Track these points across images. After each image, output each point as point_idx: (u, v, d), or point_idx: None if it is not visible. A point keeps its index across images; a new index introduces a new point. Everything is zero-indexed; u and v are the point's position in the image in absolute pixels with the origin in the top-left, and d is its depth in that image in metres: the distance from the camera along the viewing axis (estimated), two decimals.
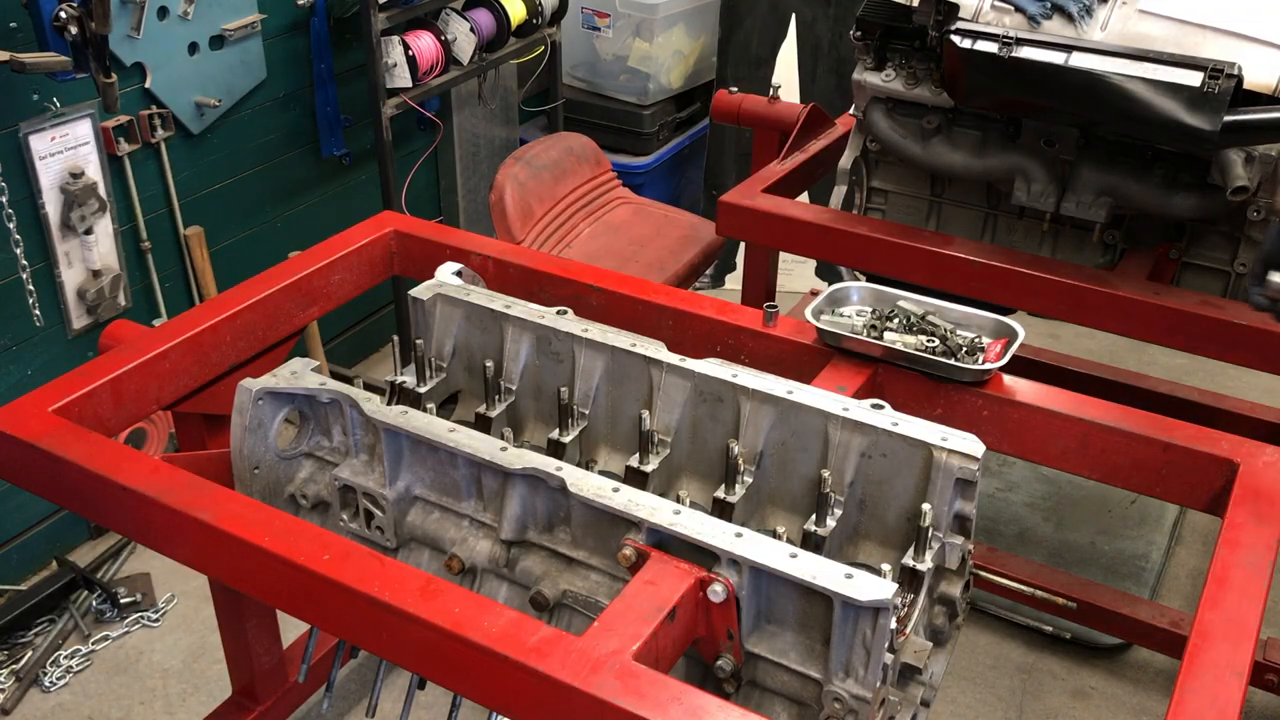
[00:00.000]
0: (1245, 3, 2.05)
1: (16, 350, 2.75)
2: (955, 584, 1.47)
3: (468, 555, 1.53)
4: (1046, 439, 1.63)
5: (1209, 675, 1.20)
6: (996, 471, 3.29)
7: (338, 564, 1.33)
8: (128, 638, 2.79)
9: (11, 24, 2.50)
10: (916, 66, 2.30)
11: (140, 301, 3.02)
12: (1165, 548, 3.05)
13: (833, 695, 1.29)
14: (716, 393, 1.55)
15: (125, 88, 2.78)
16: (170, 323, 1.83)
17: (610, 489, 1.40)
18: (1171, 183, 2.20)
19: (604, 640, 1.21)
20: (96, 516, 2.07)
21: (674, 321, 1.85)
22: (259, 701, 2.28)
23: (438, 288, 1.76)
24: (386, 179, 3.33)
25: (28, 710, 2.59)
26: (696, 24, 4.33)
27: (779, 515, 1.55)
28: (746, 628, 1.33)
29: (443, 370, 1.73)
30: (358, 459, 1.61)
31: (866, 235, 2.28)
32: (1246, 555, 1.36)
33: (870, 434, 1.46)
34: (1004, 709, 2.62)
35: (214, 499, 1.44)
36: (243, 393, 1.61)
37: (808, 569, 1.26)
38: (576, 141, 3.21)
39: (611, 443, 1.67)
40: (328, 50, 3.31)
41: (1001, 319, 1.71)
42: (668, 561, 1.32)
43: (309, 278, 1.97)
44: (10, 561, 2.89)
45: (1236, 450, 1.53)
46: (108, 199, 2.79)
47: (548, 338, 1.68)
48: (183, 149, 3.02)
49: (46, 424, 1.57)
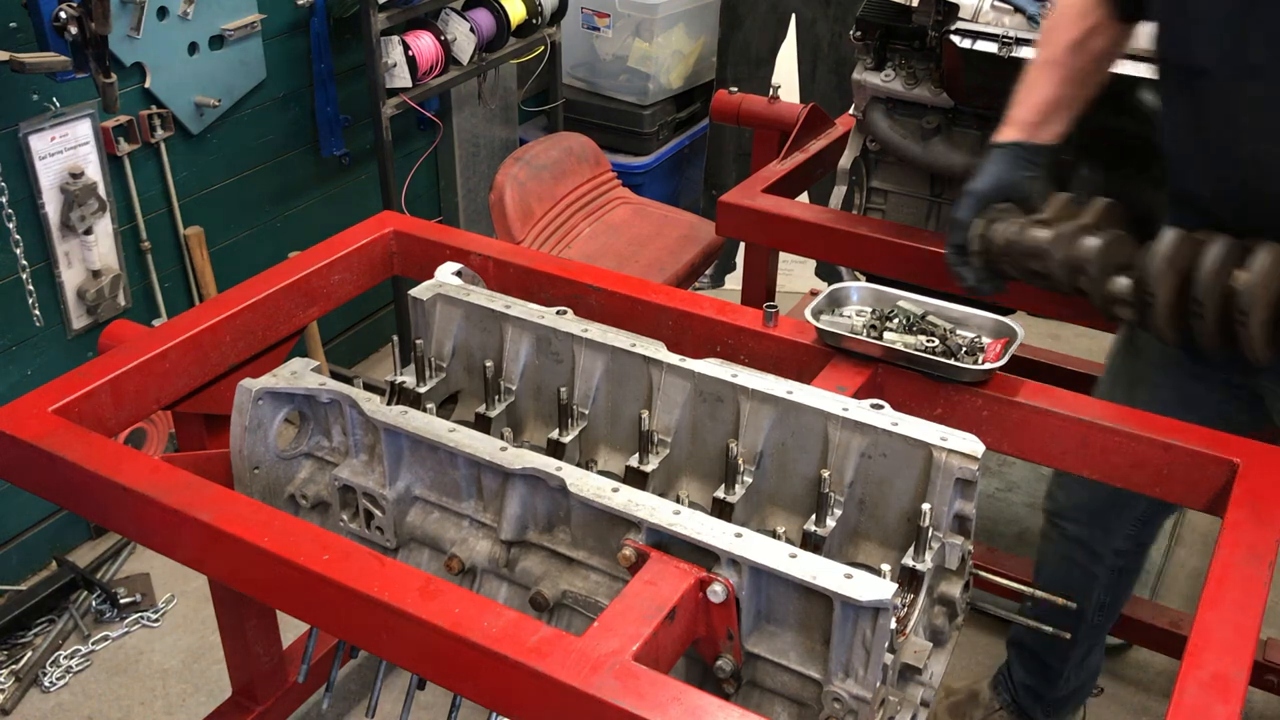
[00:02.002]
0: None
1: (16, 350, 2.75)
2: (955, 584, 1.47)
3: (467, 555, 1.53)
4: (1046, 439, 1.63)
5: (1209, 675, 1.20)
6: (996, 471, 3.29)
7: (338, 564, 1.33)
8: (128, 638, 2.79)
9: (11, 24, 2.50)
10: (916, 66, 2.30)
11: (140, 301, 3.02)
12: (1165, 548, 3.05)
13: (832, 695, 1.29)
14: (716, 393, 1.55)
15: (125, 88, 2.78)
16: (170, 323, 1.83)
17: (610, 489, 1.40)
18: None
19: (604, 640, 1.21)
20: (96, 516, 2.07)
21: (674, 321, 1.84)
22: (259, 701, 2.28)
23: (438, 288, 1.76)
24: (386, 179, 3.33)
25: (27, 710, 2.59)
26: (696, 24, 4.33)
27: (779, 515, 1.55)
28: (746, 628, 1.33)
29: (442, 370, 1.73)
30: (357, 459, 1.61)
31: (866, 235, 2.28)
32: (1246, 555, 1.36)
33: (870, 434, 1.46)
34: None
35: (214, 499, 1.44)
36: (243, 393, 1.61)
37: (808, 569, 1.26)
38: (576, 141, 3.21)
39: (611, 443, 1.67)
40: (328, 50, 3.31)
41: (1001, 319, 1.71)
42: (668, 561, 1.32)
43: (309, 278, 1.97)
44: (10, 561, 2.89)
45: (1236, 450, 1.53)
46: (108, 199, 2.79)
47: (548, 338, 1.68)
48: (183, 149, 3.02)
49: (46, 424, 1.57)
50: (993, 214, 1.77)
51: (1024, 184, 1.78)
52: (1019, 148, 1.78)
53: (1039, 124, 1.79)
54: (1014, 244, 1.73)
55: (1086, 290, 1.69)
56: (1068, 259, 1.68)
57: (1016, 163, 1.78)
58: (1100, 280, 1.66)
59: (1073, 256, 1.68)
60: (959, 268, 1.80)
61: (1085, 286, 1.68)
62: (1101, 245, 1.66)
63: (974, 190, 1.78)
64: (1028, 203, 1.79)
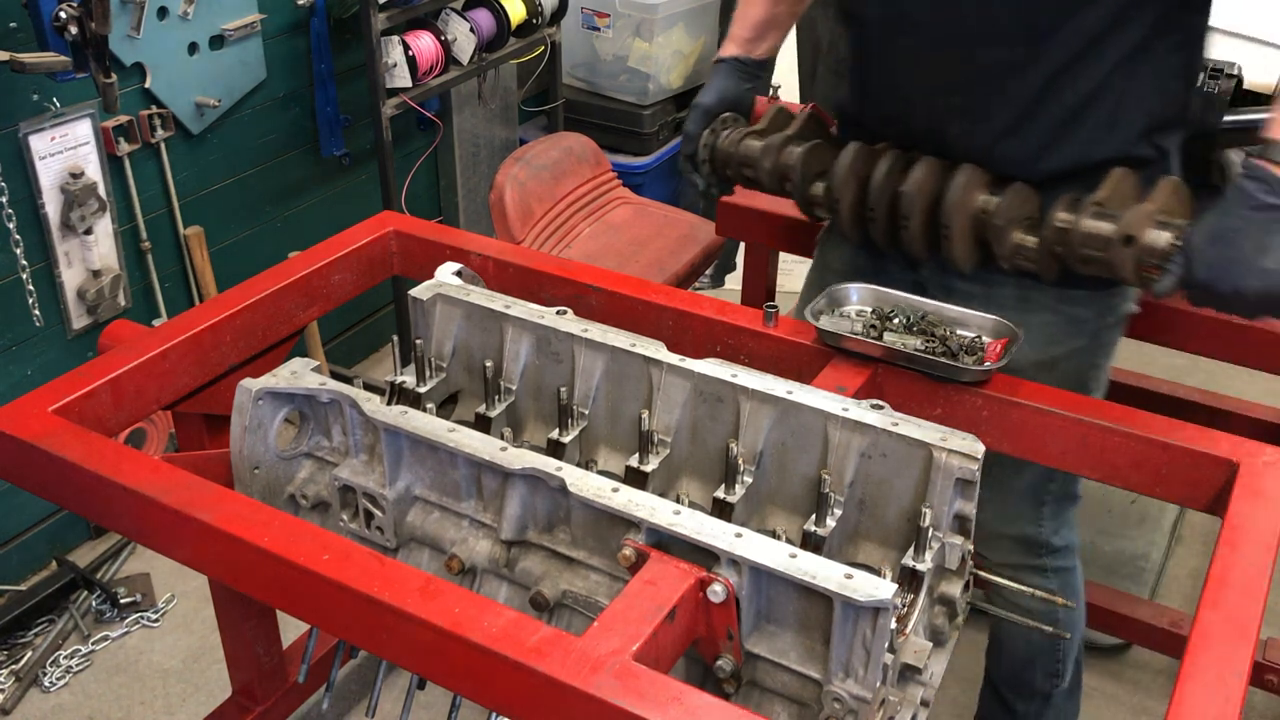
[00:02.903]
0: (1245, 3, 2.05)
1: (16, 350, 2.75)
2: (955, 584, 1.47)
3: (467, 555, 1.53)
4: (1046, 439, 1.63)
5: (1209, 675, 1.20)
6: None
7: (338, 564, 1.33)
8: (128, 638, 2.79)
9: (11, 24, 2.50)
10: None
11: (140, 301, 3.02)
12: (1165, 548, 3.05)
13: (833, 695, 1.29)
14: (716, 393, 1.55)
15: (125, 88, 2.78)
16: (170, 323, 1.83)
17: (610, 489, 1.40)
18: None
19: (604, 640, 1.21)
20: (96, 516, 2.07)
21: (674, 321, 1.84)
22: (259, 701, 2.28)
23: (437, 288, 1.76)
24: (386, 179, 3.33)
25: (27, 710, 2.59)
26: (696, 24, 4.33)
27: (779, 515, 1.55)
28: (746, 628, 1.33)
29: (442, 370, 1.73)
30: (357, 459, 1.61)
31: None
32: (1246, 555, 1.36)
33: (870, 434, 1.46)
34: None
35: (214, 499, 1.44)
36: (243, 393, 1.61)
37: (807, 569, 1.26)
38: (576, 141, 3.22)
39: (611, 443, 1.67)
40: (328, 50, 3.31)
41: (1001, 319, 1.72)
42: (668, 561, 1.32)
43: (309, 278, 1.97)
44: (10, 561, 2.89)
45: (1236, 450, 1.53)
46: (108, 199, 2.79)
47: (548, 338, 1.68)
48: (183, 149, 3.02)
49: (46, 424, 1.56)
50: (717, 125, 1.96)
51: (745, 96, 2.01)
52: (739, 62, 2.00)
53: (755, 40, 2.01)
54: (732, 154, 1.94)
55: (791, 194, 1.90)
56: (775, 167, 1.89)
57: (736, 76, 2.00)
58: (802, 186, 1.87)
59: (780, 165, 1.88)
60: (691, 175, 2.01)
61: (790, 191, 1.89)
62: (802, 154, 1.86)
63: (700, 104, 1.99)
64: (750, 113, 2.01)
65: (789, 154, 1.88)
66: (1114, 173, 1.66)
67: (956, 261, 1.75)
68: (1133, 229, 1.58)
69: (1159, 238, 1.57)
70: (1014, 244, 1.70)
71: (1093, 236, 1.61)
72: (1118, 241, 1.59)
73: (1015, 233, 1.70)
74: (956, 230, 1.71)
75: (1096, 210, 1.63)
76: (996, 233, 1.70)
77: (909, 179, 1.73)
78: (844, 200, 1.81)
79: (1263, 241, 1.47)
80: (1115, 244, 1.59)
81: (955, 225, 1.71)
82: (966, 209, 1.71)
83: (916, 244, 1.77)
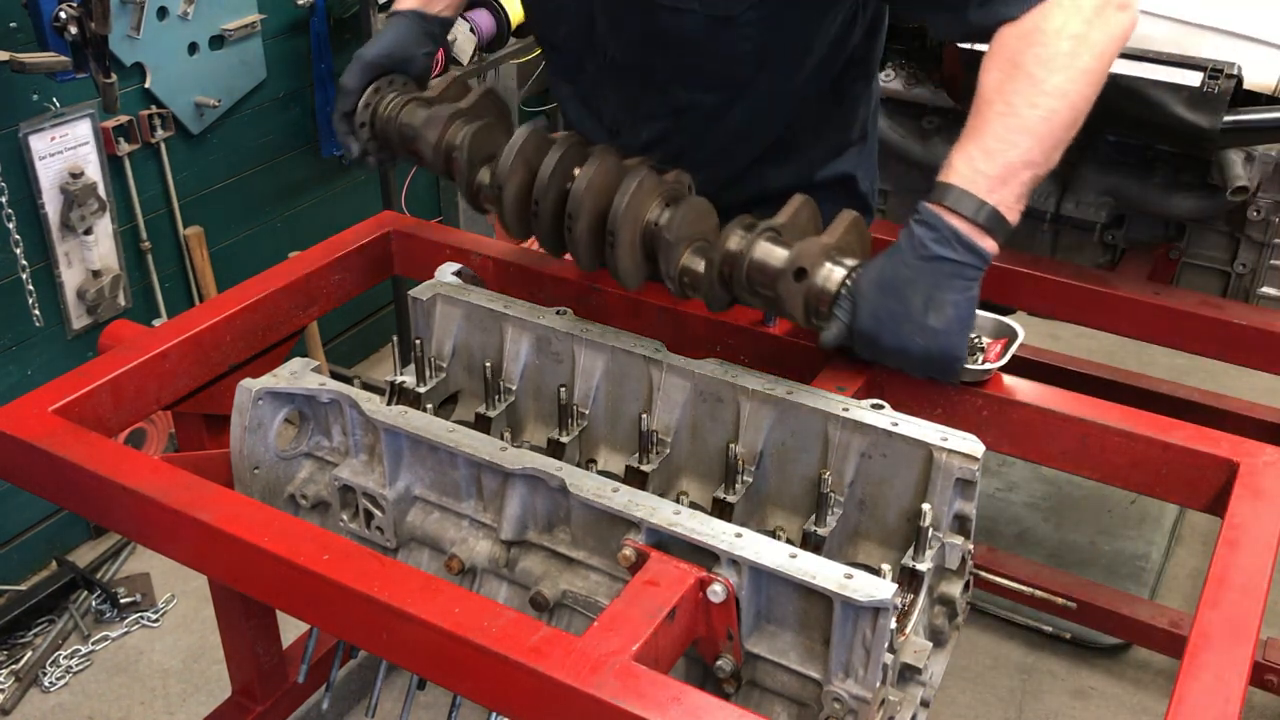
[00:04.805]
0: (1245, 3, 2.06)
1: (16, 350, 2.75)
2: (955, 584, 1.47)
3: (467, 555, 1.53)
4: (1046, 439, 1.63)
5: (1209, 675, 1.20)
6: (996, 471, 3.29)
7: (338, 564, 1.33)
8: (128, 638, 2.79)
9: (11, 24, 2.50)
10: (916, 66, 2.30)
11: (140, 301, 3.02)
12: (1165, 548, 3.05)
13: (833, 695, 1.29)
14: (716, 393, 1.55)
15: (125, 88, 2.78)
16: (170, 323, 1.83)
17: (610, 489, 1.40)
18: (1171, 183, 2.20)
19: (604, 640, 1.21)
20: (96, 516, 2.07)
21: (674, 321, 1.84)
22: (259, 701, 2.28)
23: (437, 288, 1.76)
24: (386, 179, 3.33)
25: (27, 710, 2.59)
26: None
27: (779, 515, 1.55)
28: (746, 628, 1.33)
29: (442, 370, 1.73)
30: (357, 459, 1.61)
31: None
32: (1246, 555, 1.36)
33: (870, 434, 1.46)
34: (1004, 709, 2.62)
35: (214, 499, 1.44)
36: (243, 393, 1.61)
37: (807, 569, 1.26)
38: None
39: (611, 443, 1.67)
40: (328, 50, 3.31)
41: (1001, 319, 1.71)
42: (668, 561, 1.32)
43: (309, 278, 1.97)
44: (10, 561, 2.89)
45: (1236, 450, 1.53)
46: (107, 199, 2.79)
47: (548, 338, 1.68)
48: (183, 149, 3.02)
49: (46, 424, 1.56)
50: (382, 84, 1.75)
51: (418, 57, 1.79)
52: (418, 16, 1.80)
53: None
54: (393, 120, 1.72)
55: (455, 178, 1.67)
56: (439, 143, 1.67)
57: (412, 33, 1.79)
58: (467, 170, 1.65)
59: (445, 142, 1.67)
60: (346, 138, 1.79)
61: (455, 174, 1.67)
62: (470, 133, 1.64)
63: (363, 56, 1.76)
64: (422, 77, 1.80)
65: (455, 131, 1.66)
66: (794, 199, 1.55)
67: (621, 275, 1.60)
68: (804, 260, 1.45)
69: (831, 275, 1.46)
70: (681, 265, 1.56)
71: (763, 265, 1.48)
72: (789, 273, 1.46)
73: (685, 252, 1.55)
74: (623, 241, 1.55)
75: (771, 235, 1.50)
76: (666, 249, 1.54)
77: (580, 175, 1.55)
78: (507, 189, 1.59)
79: (932, 296, 1.40)
80: (786, 276, 1.46)
81: (622, 235, 1.54)
82: (636, 220, 1.54)
83: (580, 251, 1.60)
